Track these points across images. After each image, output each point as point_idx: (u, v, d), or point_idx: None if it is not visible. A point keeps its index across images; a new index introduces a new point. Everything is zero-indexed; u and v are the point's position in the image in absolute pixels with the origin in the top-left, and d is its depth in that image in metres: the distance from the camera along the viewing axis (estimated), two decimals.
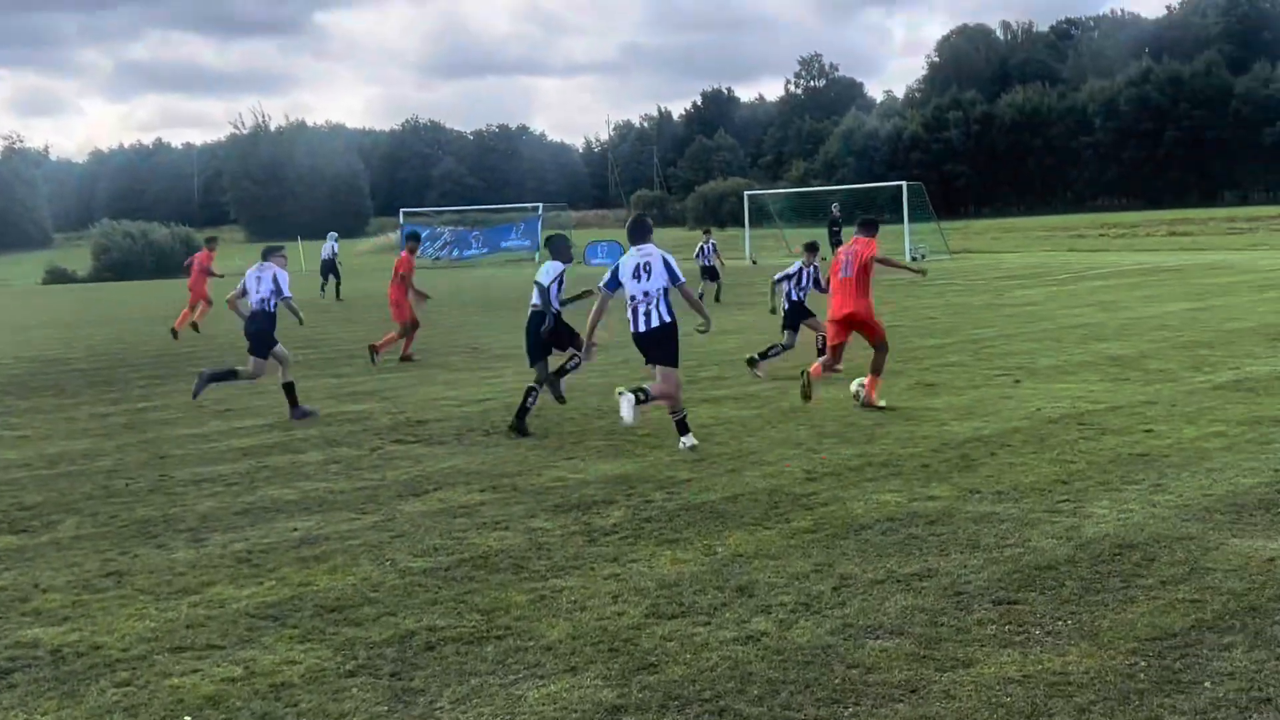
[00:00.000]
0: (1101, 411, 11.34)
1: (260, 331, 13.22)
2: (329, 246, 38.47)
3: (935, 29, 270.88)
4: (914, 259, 44.32)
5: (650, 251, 10.54)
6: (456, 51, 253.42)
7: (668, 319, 10.49)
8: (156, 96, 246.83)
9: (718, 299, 28.14)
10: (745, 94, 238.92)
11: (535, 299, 12.03)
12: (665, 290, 10.46)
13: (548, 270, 12.10)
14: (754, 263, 47.36)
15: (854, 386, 12.35)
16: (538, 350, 11.98)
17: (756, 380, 14.43)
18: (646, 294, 10.42)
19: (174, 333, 24.61)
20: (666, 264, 10.51)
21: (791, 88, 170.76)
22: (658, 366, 10.50)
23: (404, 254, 18.40)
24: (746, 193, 58.35)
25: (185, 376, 17.44)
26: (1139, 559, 6.68)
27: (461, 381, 15.66)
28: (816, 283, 14.89)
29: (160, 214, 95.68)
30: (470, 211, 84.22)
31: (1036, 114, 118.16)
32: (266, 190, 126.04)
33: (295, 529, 8.25)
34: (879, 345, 12.31)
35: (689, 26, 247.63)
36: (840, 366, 13.02)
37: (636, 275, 10.45)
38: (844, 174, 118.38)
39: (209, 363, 18.62)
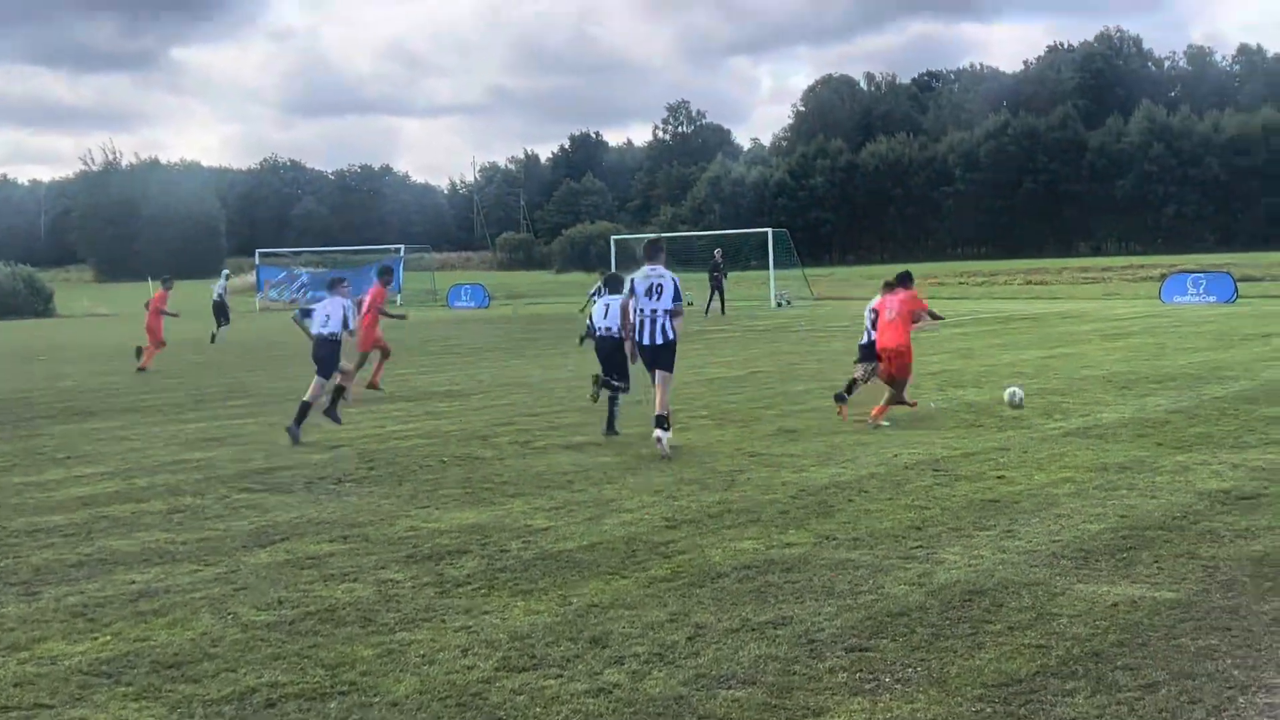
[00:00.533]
0: (956, 458, 11.64)
1: (329, 356, 14.67)
2: (220, 286, 36.61)
3: (801, 79, 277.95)
4: (779, 304, 45.15)
5: (663, 273, 12.32)
6: (318, 90, 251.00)
7: (671, 335, 12.37)
8: (1, 131, 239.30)
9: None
10: (613, 138, 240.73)
11: (606, 322, 13.73)
12: (670, 310, 12.31)
13: (608, 303, 13.78)
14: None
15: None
16: (620, 367, 13.58)
17: (621, 428, 14.44)
18: (654, 311, 12.30)
19: (141, 369, 24.84)
20: (675, 287, 12.34)
21: (659, 133, 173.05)
22: (659, 371, 12.41)
23: (376, 287, 19.69)
24: (614, 237, 58.69)
25: (21, 422, 16.80)
26: (988, 605, 6.85)
27: (312, 427, 15.38)
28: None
29: (4, 253, 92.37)
30: (330, 252, 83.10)
31: (899, 164, 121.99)
32: (117, 229, 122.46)
33: (133, 581, 7.98)
34: (903, 377, 14.65)
35: (555, 70, 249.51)
36: (910, 400, 15.00)
37: (649, 293, 12.31)
38: (711, 219, 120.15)
39: (73, 412, 17.99)
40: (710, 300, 40.61)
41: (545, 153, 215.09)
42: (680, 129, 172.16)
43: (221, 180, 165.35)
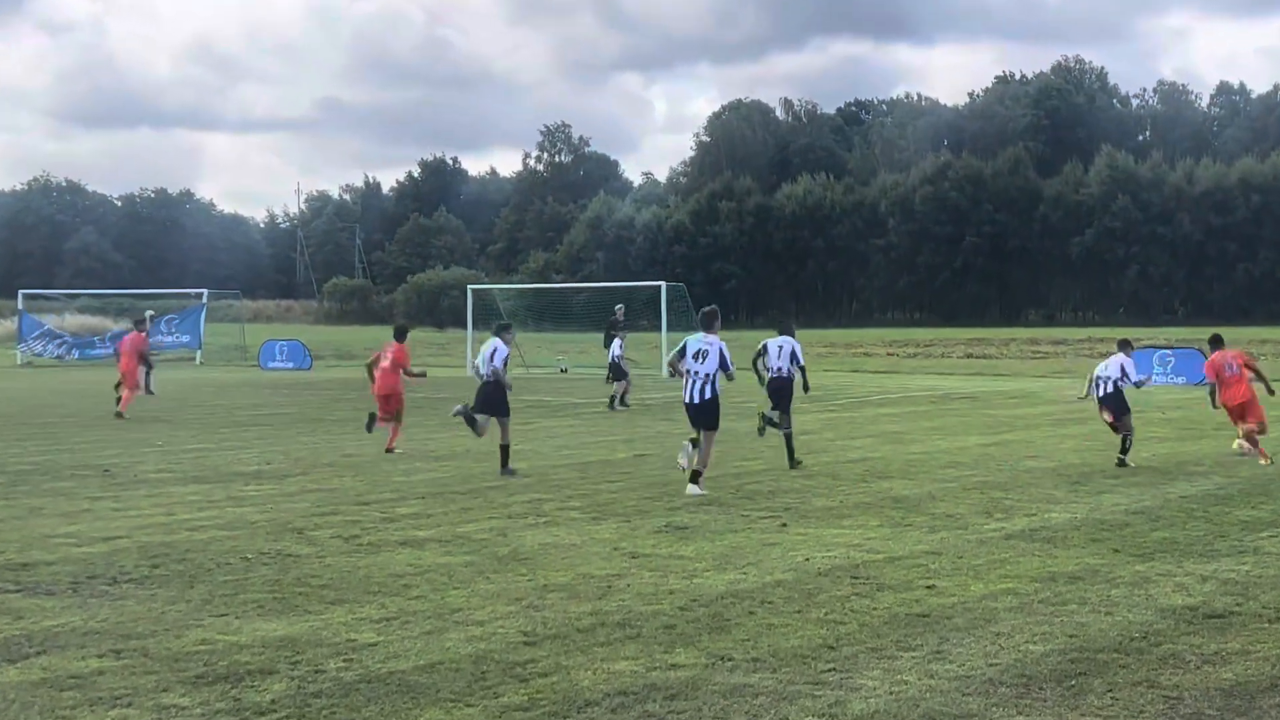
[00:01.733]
0: (879, 563, 11.82)
1: (499, 398, 18.58)
2: None
3: (703, 104, 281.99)
4: (672, 374, 45.38)
5: (712, 341, 16.69)
6: (103, 96, 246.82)
7: (710, 395, 16.63)
8: None
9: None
10: (474, 166, 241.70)
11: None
12: (715, 374, 16.60)
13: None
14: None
15: (1235, 445, 20.19)
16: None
17: (472, 520, 14.39)
18: (695, 373, 16.63)
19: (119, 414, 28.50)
20: (721, 354, 16.61)
21: (531, 162, 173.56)
22: (703, 431, 16.59)
23: (396, 345, 22.26)
24: (472, 286, 58.60)
25: None
26: None
27: (85, 514, 15.04)
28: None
29: None
30: (114, 296, 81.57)
31: (820, 209, 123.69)
32: None
33: None
34: (1261, 424, 19.78)
35: (403, 81, 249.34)
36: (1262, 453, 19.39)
37: (696, 357, 16.66)
38: (593, 269, 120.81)
39: None
40: (616, 389, 41.05)
41: (389, 181, 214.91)
42: (557, 157, 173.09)
43: None
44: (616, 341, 40.05)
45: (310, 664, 8.59)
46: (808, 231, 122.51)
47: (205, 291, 66.14)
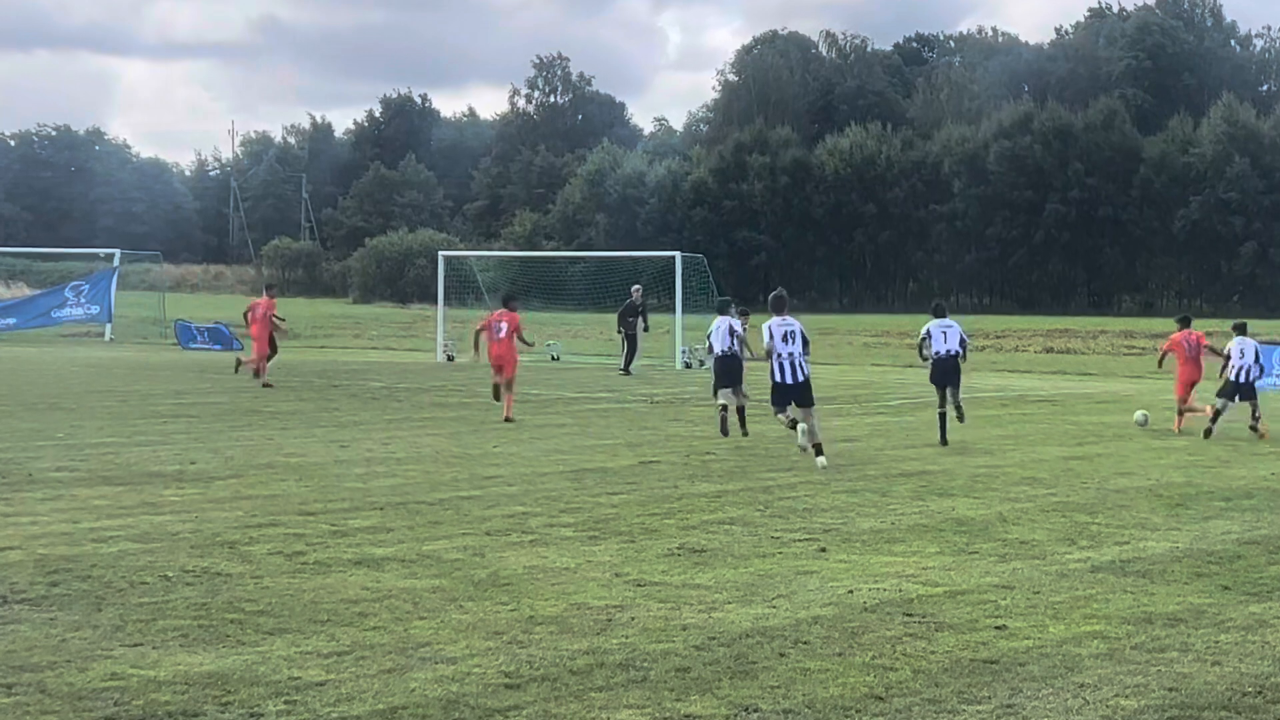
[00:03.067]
0: (938, 597, 11.82)
1: (736, 369, 24.95)
2: None
3: (726, 37, 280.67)
4: (688, 364, 45.50)
5: (792, 322, 21.23)
6: None
7: (806, 373, 21.19)
8: None
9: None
10: (448, 106, 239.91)
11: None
12: (802, 353, 21.28)
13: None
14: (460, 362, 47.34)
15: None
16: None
17: (442, 536, 14.40)
18: (792, 354, 21.05)
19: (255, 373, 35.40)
20: (804, 335, 21.39)
21: (520, 102, 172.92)
22: (804, 409, 21.08)
23: (509, 312, 27.41)
24: (444, 253, 58.43)
25: None
26: None
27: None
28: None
29: None
30: (3, 255, 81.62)
31: (871, 167, 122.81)
32: None
33: None
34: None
35: None
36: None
37: (785, 339, 21.10)
38: (592, 235, 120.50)
39: None
40: (630, 354, 43.13)
41: (344, 122, 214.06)
42: (551, 97, 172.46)
43: None
44: (638, 325, 41.24)
45: (244, 706, 8.61)
46: (856, 195, 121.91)
47: (118, 253, 66.08)
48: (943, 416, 24.21)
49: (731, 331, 25.27)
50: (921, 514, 16.39)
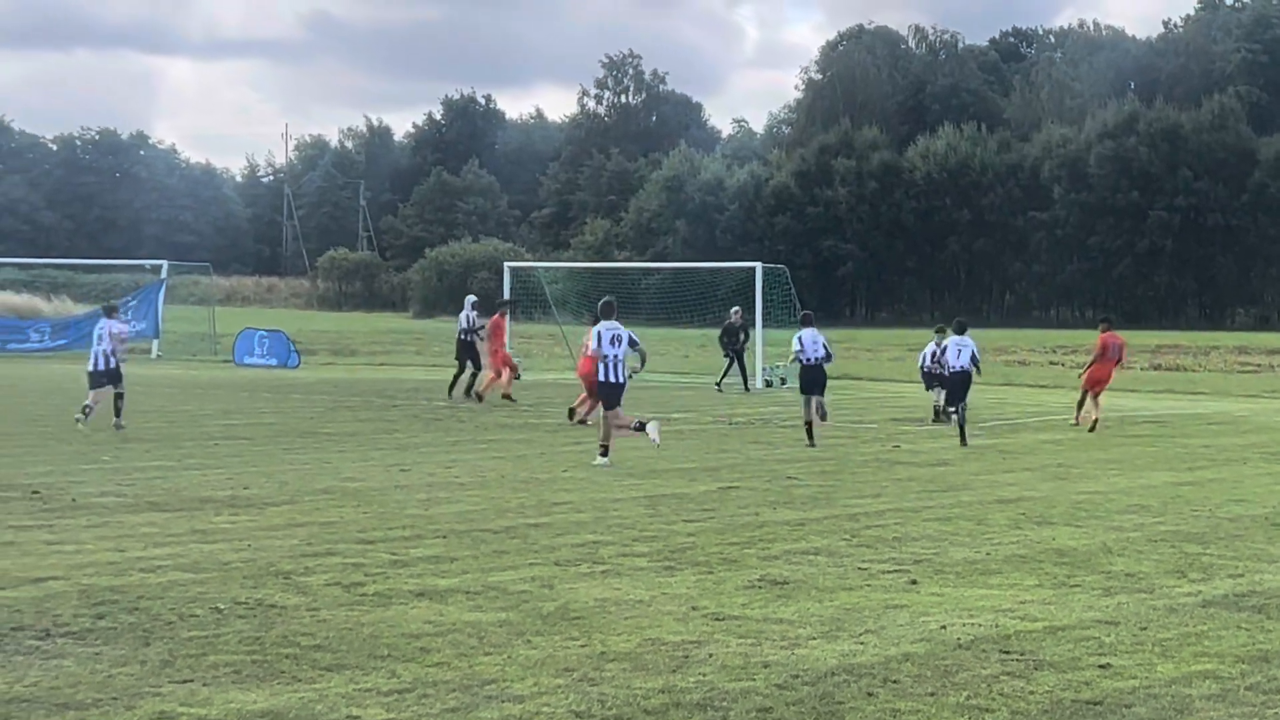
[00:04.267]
0: (1037, 633, 11.75)
1: (823, 378, 28.48)
2: None
3: (807, 33, 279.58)
4: (769, 383, 45.46)
5: (619, 327, 24.68)
6: (26, 4, 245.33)
7: (626, 375, 24.91)
8: None
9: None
10: (513, 107, 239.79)
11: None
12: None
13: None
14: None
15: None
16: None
17: (509, 567, 14.42)
18: (617, 356, 24.51)
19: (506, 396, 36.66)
20: (630, 339, 24.81)
21: (590, 103, 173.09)
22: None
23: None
24: (510, 264, 58.56)
25: None
26: None
27: (8, 547, 15.20)
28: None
29: None
30: (43, 266, 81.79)
31: (965, 171, 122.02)
32: None
33: None
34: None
35: None
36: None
37: (613, 343, 24.46)
38: (668, 244, 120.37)
39: None
40: (742, 372, 44.68)
41: (402, 125, 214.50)
42: (623, 98, 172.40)
43: None
44: (740, 343, 42.24)
45: None
46: (949, 200, 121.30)
47: (165, 264, 66.21)
48: (959, 424, 28.54)
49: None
50: (1019, 544, 16.30)
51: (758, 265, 49.57)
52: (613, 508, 18.76)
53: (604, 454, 23.66)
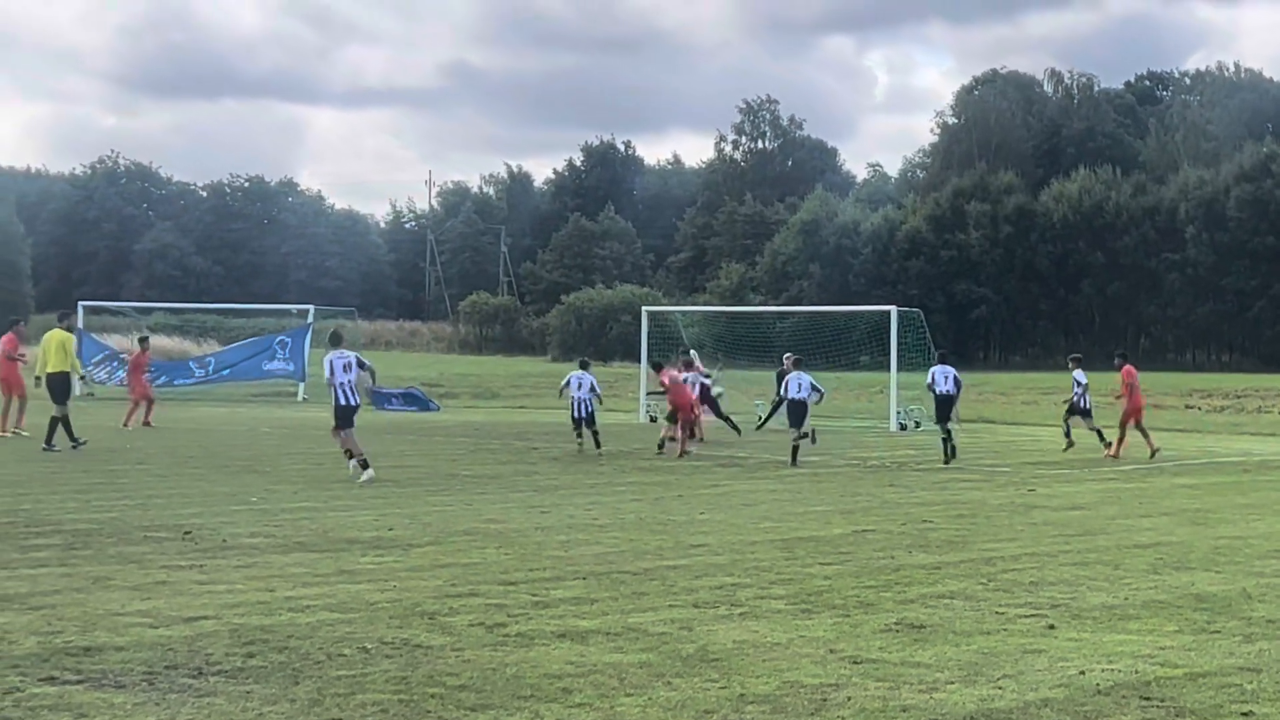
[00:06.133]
0: (1177, 680, 11.61)
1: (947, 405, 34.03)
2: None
3: (937, 78, 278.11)
4: (903, 426, 45.28)
5: (349, 355, 27.13)
6: (175, 56, 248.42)
7: (358, 399, 27.94)
8: None
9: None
10: (651, 153, 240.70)
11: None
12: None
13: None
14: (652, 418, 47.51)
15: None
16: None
17: (648, 608, 14.47)
18: (350, 381, 27.27)
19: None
20: (359, 363, 27.77)
21: (727, 148, 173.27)
22: (343, 429, 27.63)
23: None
24: (647, 309, 58.72)
25: None
26: None
27: (161, 587, 15.43)
28: None
29: None
30: (193, 311, 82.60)
31: (1099, 214, 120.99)
32: None
33: None
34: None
35: (555, 40, 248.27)
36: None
37: (345, 369, 27.14)
38: (803, 288, 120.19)
39: None
40: (772, 412, 45.40)
41: (543, 172, 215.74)
42: (759, 143, 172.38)
43: (26, 188, 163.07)
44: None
45: None
46: (1083, 243, 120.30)
47: (312, 309, 66.72)
48: (944, 441, 33.34)
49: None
50: (1157, 589, 16.11)
51: (893, 309, 49.36)
52: (749, 550, 18.76)
53: (364, 466, 26.74)
